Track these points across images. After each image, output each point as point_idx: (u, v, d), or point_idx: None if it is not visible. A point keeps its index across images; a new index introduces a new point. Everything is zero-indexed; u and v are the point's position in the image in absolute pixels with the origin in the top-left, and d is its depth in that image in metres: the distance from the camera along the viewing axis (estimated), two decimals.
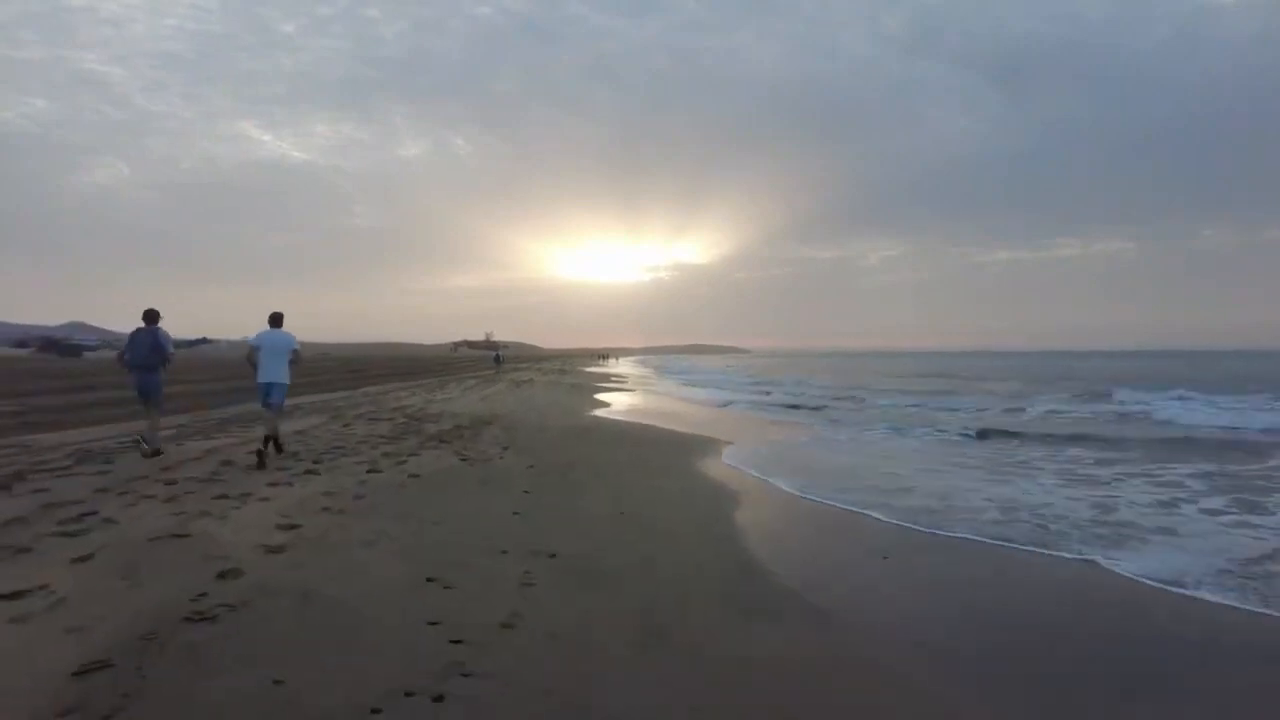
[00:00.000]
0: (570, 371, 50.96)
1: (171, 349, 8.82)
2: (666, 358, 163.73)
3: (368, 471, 8.02)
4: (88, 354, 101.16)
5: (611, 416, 17.32)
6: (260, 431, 9.28)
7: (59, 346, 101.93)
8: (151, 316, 8.73)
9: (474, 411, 15.60)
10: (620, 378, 43.93)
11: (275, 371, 8.77)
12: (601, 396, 24.69)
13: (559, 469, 8.90)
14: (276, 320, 9.00)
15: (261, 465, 7.87)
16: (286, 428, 10.92)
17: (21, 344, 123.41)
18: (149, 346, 8.63)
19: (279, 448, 8.68)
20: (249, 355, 8.97)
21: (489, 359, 62.68)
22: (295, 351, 9.01)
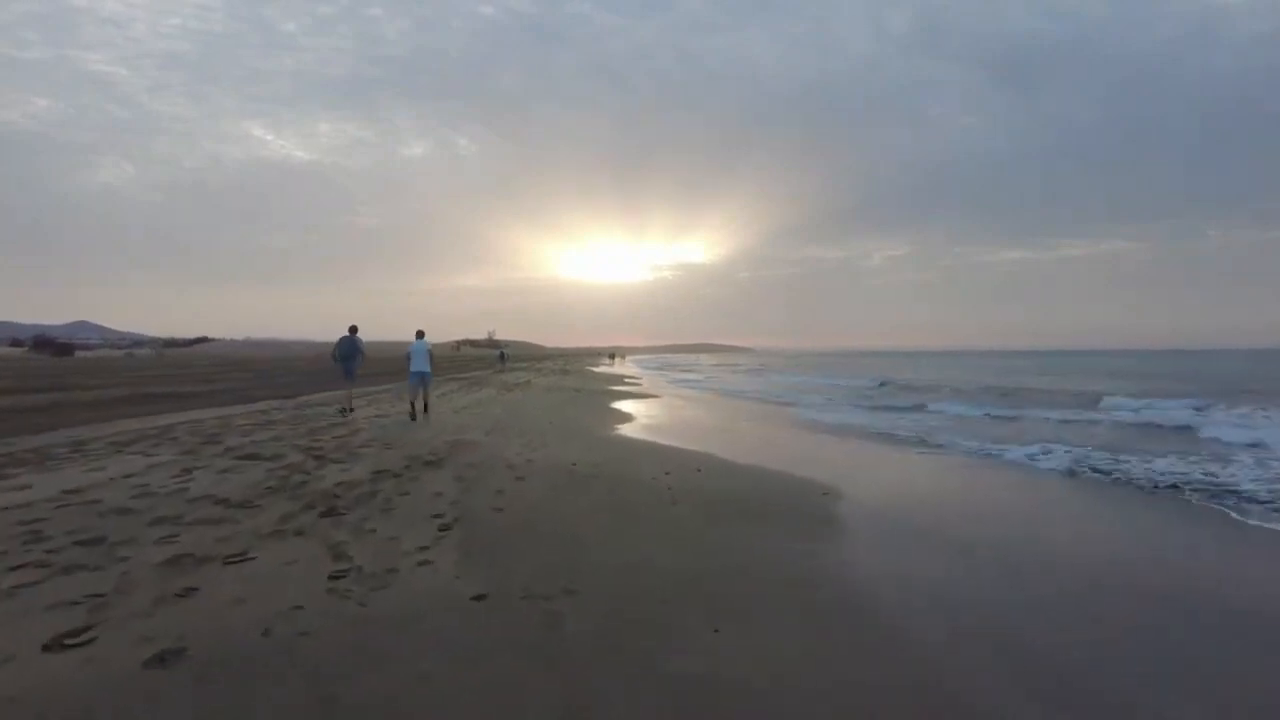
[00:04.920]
0: (573, 372, 46.00)
1: (363, 348, 14.21)
2: (672, 357, 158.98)
3: (52, 645, 3.19)
4: (82, 353, 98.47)
5: (638, 438, 12.40)
6: (410, 400, 13.38)
7: (52, 345, 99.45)
8: (353, 329, 14.14)
9: (428, 436, 10.71)
10: (633, 379, 38.96)
11: (422, 365, 13.41)
12: (617, 406, 19.75)
13: (539, 605, 4.01)
14: (420, 334, 13.97)
15: (413, 416, 12.83)
16: (65, 484, 6.29)
17: (16, 343, 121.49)
18: (351, 346, 13.82)
19: (426, 409, 13.49)
20: (407, 354, 13.59)
21: (489, 358, 63.79)
22: (430, 352, 13.74)
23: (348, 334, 14.06)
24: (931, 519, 6.63)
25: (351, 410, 13.50)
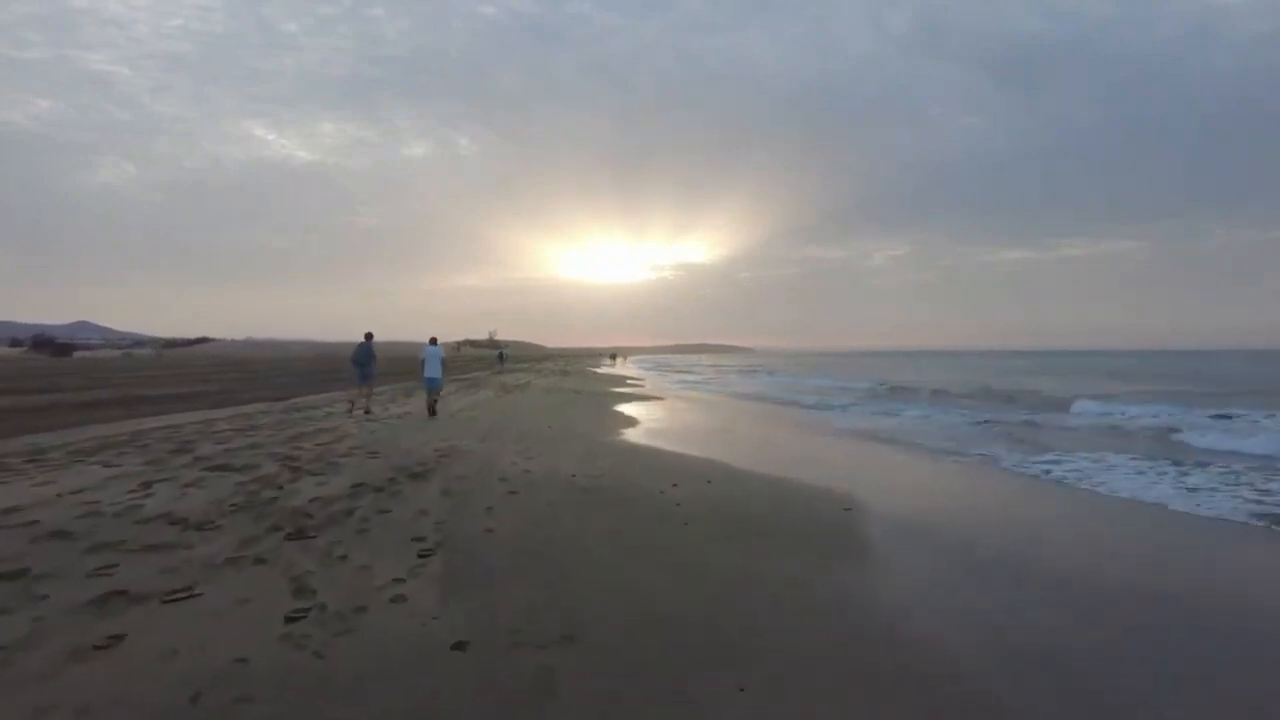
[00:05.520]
0: (574, 373, 45.42)
1: (374, 353, 14.93)
2: (674, 357, 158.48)
3: None
4: (82, 354, 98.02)
5: (642, 444, 11.75)
6: (426, 400, 14.42)
7: (51, 345, 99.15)
8: (368, 336, 15.28)
9: (418, 443, 10.08)
10: (635, 380, 38.32)
11: (434, 369, 14.40)
12: (619, 409, 19.13)
13: (531, 657, 3.37)
14: (433, 341, 15.35)
15: (433, 415, 13.78)
16: (6, 502, 5.68)
17: (16, 342, 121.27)
18: (365, 352, 14.75)
19: (434, 411, 14.01)
20: (421, 358, 14.66)
21: (489, 358, 63.70)
22: (443, 359, 14.79)
23: (363, 340, 15.07)
24: (964, 536, 5.98)
25: (370, 411, 14.30)
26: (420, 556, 4.77)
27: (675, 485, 7.64)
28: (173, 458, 7.73)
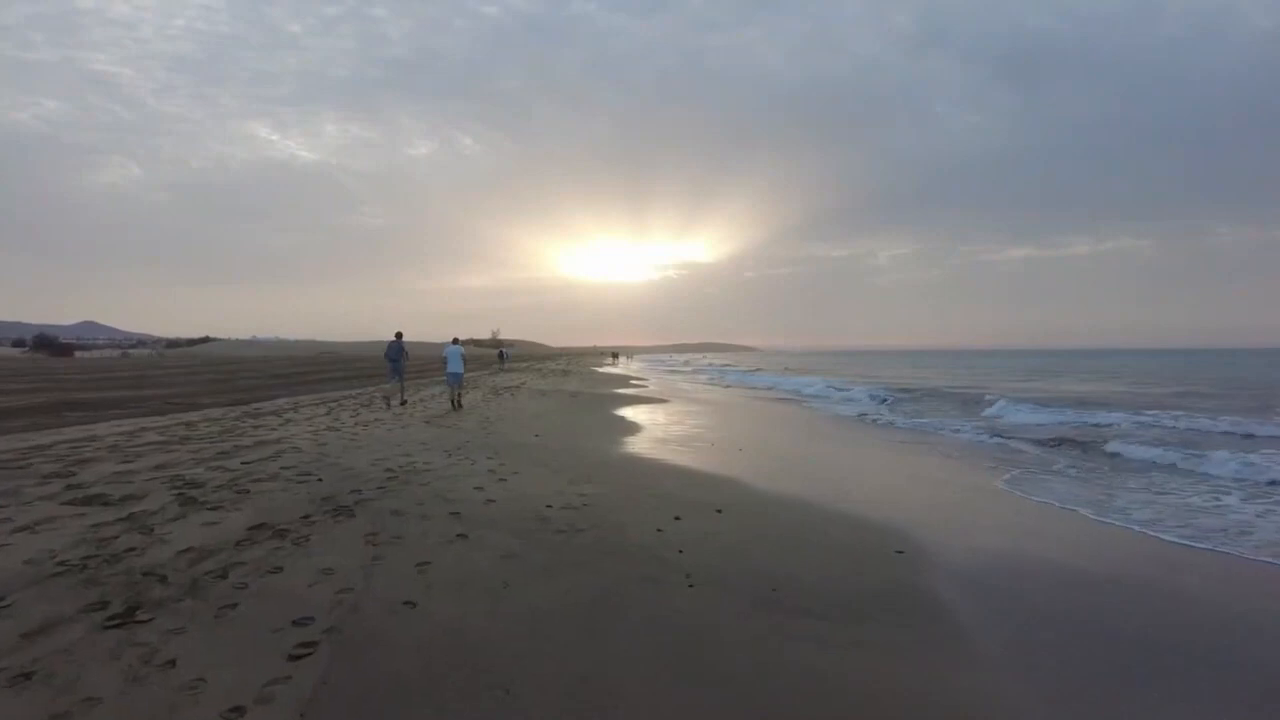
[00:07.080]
0: (575, 373, 43.75)
1: (405, 349, 16.39)
2: (678, 356, 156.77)
3: None
4: (82, 354, 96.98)
5: (640, 456, 10.11)
6: (448, 394, 16.34)
7: (51, 346, 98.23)
8: (399, 335, 16.47)
9: (370, 459, 8.47)
10: (637, 380, 36.62)
11: (455, 365, 15.93)
12: (617, 413, 17.48)
13: None
14: (455, 340, 17.15)
15: (455, 408, 15.27)
16: None
17: (19, 343, 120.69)
18: (396, 349, 16.17)
19: (460, 404, 15.73)
20: (442, 356, 16.57)
21: (489, 357, 62.35)
22: (462, 356, 16.23)
23: (394, 338, 16.48)
24: (1069, 598, 4.32)
25: (404, 403, 16.02)
26: (292, 657, 3.14)
27: (677, 518, 6.00)
28: (39, 485, 6.10)
